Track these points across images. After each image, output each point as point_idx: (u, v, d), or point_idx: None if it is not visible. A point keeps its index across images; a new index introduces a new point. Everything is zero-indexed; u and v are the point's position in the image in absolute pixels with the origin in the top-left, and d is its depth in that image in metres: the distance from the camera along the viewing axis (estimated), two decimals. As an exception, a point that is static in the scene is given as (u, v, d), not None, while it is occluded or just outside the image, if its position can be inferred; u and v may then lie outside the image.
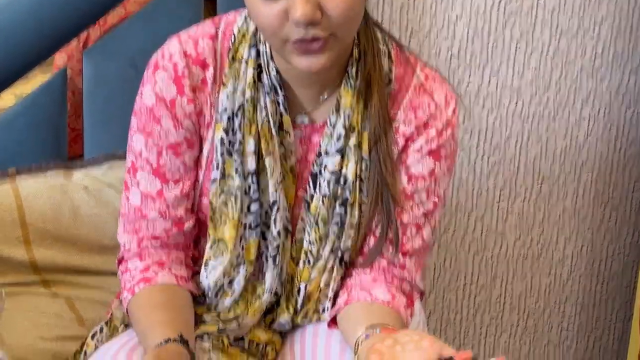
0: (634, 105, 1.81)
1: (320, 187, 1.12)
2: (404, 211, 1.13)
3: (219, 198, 1.11)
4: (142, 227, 1.13)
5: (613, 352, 1.95)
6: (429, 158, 1.13)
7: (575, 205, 1.83)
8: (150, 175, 1.12)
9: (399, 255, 1.14)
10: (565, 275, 1.87)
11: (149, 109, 1.11)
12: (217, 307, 1.14)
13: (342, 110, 1.10)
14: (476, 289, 1.81)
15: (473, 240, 1.79)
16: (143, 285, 1.11)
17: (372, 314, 1.08)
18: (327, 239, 1.13)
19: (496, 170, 1.76)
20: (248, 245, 1.12)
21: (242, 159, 1.10)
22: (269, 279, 1.13)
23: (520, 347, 1.88)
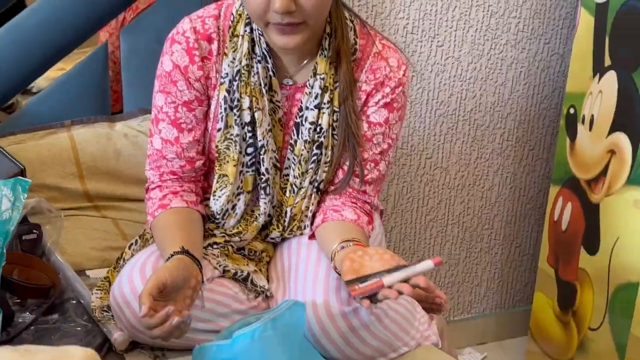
0: (547, 69, 1.80)
1: (302, 134, 1.12)
2: (365, 150, 1.14)
3: (223, 143, 1.12)
4: (163, 165, 1.14)
5: (529, 255, 1.96)
6: (384, 109, 1.13)
7: (501, 146, 1.83)
8: (169, 125, 1.12)
9: (362, 185, 1.15)
10: (494, 199, 1.87)
11: (168, 73, 1.10)
12: (224, 225, 1.15)
13: (318, 74, 1.10)
14: (426, 210, 1.81)
15: (424, 174, 1.78)
16: (161, 210, 1.11)
17: (344, 230, 1.09)
18: (307, 173, 1.13)
19: (441, 120, 1.74)
20: (246, 179, 1.13)
21: (240, 113, 1.10)
22: (262, 204, 1.14)
23: (459, 253, 1.88)
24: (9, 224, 1.01)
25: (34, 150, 1.38)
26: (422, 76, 1.69)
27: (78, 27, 1.41)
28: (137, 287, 1.04)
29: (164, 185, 1.14)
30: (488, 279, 1.93)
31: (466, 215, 1.85)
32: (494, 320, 1.96)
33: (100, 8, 1.42)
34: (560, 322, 1.71)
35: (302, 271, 1.10)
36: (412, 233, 1.82)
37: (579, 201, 1.63)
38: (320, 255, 1.10)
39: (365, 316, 1.04)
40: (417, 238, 1.83)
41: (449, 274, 1.89)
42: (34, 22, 1.38)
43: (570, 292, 1.68)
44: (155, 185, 1.15)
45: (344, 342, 1.05)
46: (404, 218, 1.79)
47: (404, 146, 1.73)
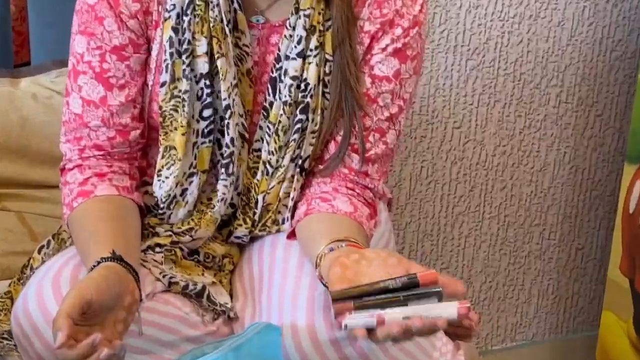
0: (621, 3, 1.79)
1: (280, 94, 1.12)
2: (367, 116, 1.14)
3: (168, 103, 1.11)
4: (84, 135, 1.14)
5: (595, 261, 1.96)
6: (394, 58, 1.13)
7: (557, 111, 1.82)
8: (93, 80, 1.12)
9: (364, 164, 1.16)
10: (547, 183, 1.86)
11: (91, 7, 1.10)
12: (170, 219, 1.15)
13: (302, 10, 1.10)
14: (454, 200, 1.80)
15: (451, 149, 1.77)
16: (82, 199, 1.11)
17: (334, 227, 1.09)
18: (287, 147, 1.13)
19: (474, 75, 1.74)
20: (200, 153, 1.12)
21: (193, 60, 1.10)
22: (222, 189, 1.14)
23: (500, 258, 1.88)
24: None
25: None
26: (448, 13, 1.68)
27: None
28: (49, 307, 1.02)
29: (86, 165, 1.14)
30: (539, 294, 1.92)
31: (509, 206, 1.84)
32: (548, 350, 1.97)
33: None
34: (637, 352, 1.72)
35: (279, 283, 1.10)
36: (434, 231, 1.81)
37: None
38: (303, 260, 1.10)
39: (364, 344, 1.03)
40: (441, 238, 1.83)
41: (485, 287, 1.88)
42: None
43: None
44: (73, 165, 1.14)
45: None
46: (423, 210, 1.79)
47: (422, 111, 1.72)
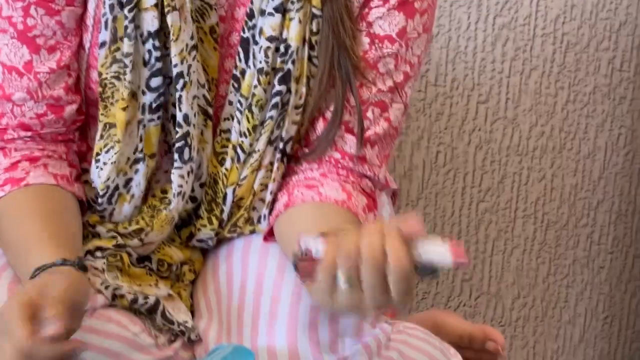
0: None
1: (254, 59, 1.13)
2: (365, 85, 1.16)
3: (109, 68, 1.13)
4: (6, 111, 1.15)
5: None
6: (399, 13, 1.15)
7: (610, 80, 1.86)
8: (15, 40, 1.14)
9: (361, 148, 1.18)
10: (597, 173, 1.90)
11: None
12: (112, 216, 1.17)
13: None
14: (479, 194, 1.85)
15: (474, 130, 1.81)
16: (10, 187, 1.12)
17: (323, 219, 1.10)
18: (264, 127, 1.15)
19: (504, 35, 1.78)
20: (147, 132, 1.14)
21: (138, 14, 1.11)
22: (177, 179, 1.15)
23: (537, 267, 1.91)
24: None
25: None
26: None
27: None
28: None
29: (10, 147, 1.16)
30: (587, 312, 1.95)
31: (549, 201, 1.88)
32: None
33: None
34: None
35: (252, 296, 1.11)
36: (453, 232, 1.86)
37: None
38: (283, 267, 1.11)
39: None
40: (463, 240, 1.85)
41: (519, 304, 1.91)
42: None
43: None
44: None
45: None
46: (439, 206, 1.84)
47: (439, 80, 1.77)
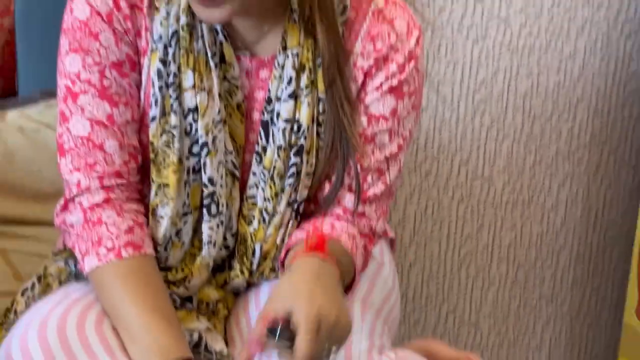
0: (635, 35, 1.78)
1: (274, 138, 1.12)
2: (364, 155, 1.14)
3: (160, 138, 1.10)
4: (99, 160, 1.10)
5: (611, 305, 1.96)
6: (391, 96, 1.13)
7: (569, 146, 1.82)
8: (97, 98, 1.10)
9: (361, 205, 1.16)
10: (559, 223, 1.86)
11: (83, 23, 1.09)
12: (167, 261, 1.14)
13: (289, 49, 1.11)
14: (461, 239, 1.81)
15: (457, 186, 1.78)
16: (132, 251, 1.08)
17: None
18: (284, 193, 1.13)
19: (482, 108, 1.75)
20: (192, 190, 1.12)
21: (180, 94, 1.10)
22: (206, 230, 1.13)
23: (509, 301, 1.88)
24: None
25: None
26: (454, 45, 1.70)
27: None
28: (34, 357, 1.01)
29: (116, 200, 1.11)
30: (551, 340, 1.93)
31: (519, 247, 1.85)
32: None
33: None
34: None
35: None
36: (440, 272, 1.82)
37: None
38: None
39: None
40: (447, 279, 1.83)
41: (495, 333, 1.89)
42: None
43: None
44: (102, 199, 1.10)
45: None
46: (428, 251, 1.80)
47: (427, 146, 1.73)
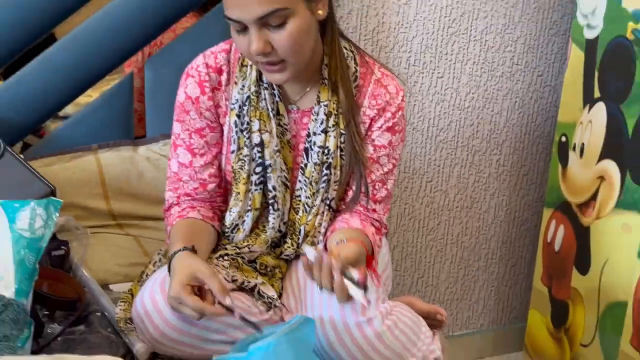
0: (540, 99, 1.80)
1: (311, 158, 1.13)
2: (372, 172, 1.14)
3: (237, 163, 1.13)
4: (180, 186, 1.16)
5: (524, 274, 1.94)
6: (388, 132, 1.14)
7: (497, 171, 1.82)
8: (185, 150, 1.14)
9: (372, 203, 1.15)
10: (490, 220, 1.85)
11: (181, 104, 1.13)
12: (233, 239, 1.16)
13: (322, 102, 1.11)
14: (427, 231, 1.80)
15: (425, 196, 1.77)
16: (178, 219, 1.13)
17: (347, 232, 1.10)
18: (318, 193, 1.13)
19: (441, 146, 1.74)
20: (254, 196, 1.13)
21: (250, 135, 1.11)
22: (271, 220, 1.14)
23: (457, 271, 1.87)
24: (41, 241, 1.04)
25: (63, 172, 1.38)
26: (423, 105, 1.69)
27: (106, 59, 1.40)
28: (158, 302, 1.04)
29: (182, 203, 1.15)
30: (485, 297, 1.91)
31: (464, 235, 1.84)
32: (491, 336, 1.94)
33: (127, 43, 1.41)
34: (554, 339, 1.70)
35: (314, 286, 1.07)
36: (413, 252, 1.81)
37: (570, 224, 1.63)
38: None
39: (378, 326, 1.04)
40: (417, 257, 1.82)
41: (448, 292, 1.87)
42: (66, 56, 1.37)
43: (563, 310, 1.66)
44: (174, 204, 1.16)
45: (358, 351, 1.05)
46: (405, 238, 1.78)
47: (406, 170, 1.73)
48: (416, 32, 1.63)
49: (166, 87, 1.43)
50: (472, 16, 1.66)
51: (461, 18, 1.65)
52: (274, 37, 1.00)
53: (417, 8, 1.61)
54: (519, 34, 1.71)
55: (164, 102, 1.44)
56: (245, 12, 0.98)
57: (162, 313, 1.04)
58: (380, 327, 1.04)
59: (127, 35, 1.40)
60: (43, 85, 1.37)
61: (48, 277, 1.15)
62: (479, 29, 1.67)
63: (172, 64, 1.44)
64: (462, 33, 1.67)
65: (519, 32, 1.71)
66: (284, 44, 1.01)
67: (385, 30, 1.61)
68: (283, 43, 1.01)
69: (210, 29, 1.43)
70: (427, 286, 1.85)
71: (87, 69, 1.39)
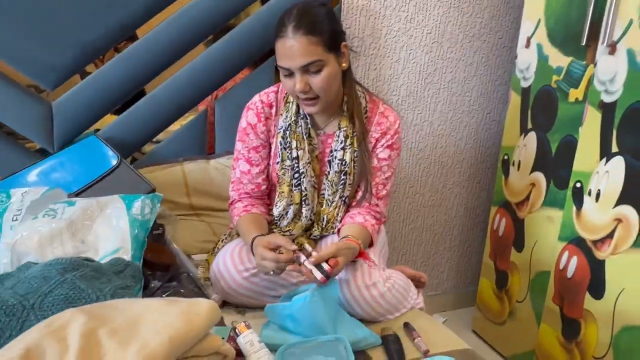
0: (489, 130, 1.75)
1: (333, 167, 1.13)
2: (376, 177, 1.14)
3: (281, 171, 1.13)
4: (241, 187, 1.16)
5: (476, 252, 1.90)
6: (388, 149, 1.14)
7: (459, 179, 1.79)
8: (244, 162, 1.14)
9: (375, 199, 1.15)
10: (453, 214, 1.82)
11: (244, 129, 1.14)
12: (279, 225, 1.15)
13: (342, 128, 1.11)
14: (409, 222, 1.77)
15: (408, 197, 1.75)
16: (245, 213, 1.13)
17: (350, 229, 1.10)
18: (337, 192, 1.13)
19: (420, 162, 1.72)
20: (294, 195, 1.13)
21: (290, 151, 1.11)
22: (304, 212, 1.14)
23: (430, 250, 1.84)
24: (149, 223, 1.06)
25: (160, 177, 1.38)
26: (407, 133, 1.68)
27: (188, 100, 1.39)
28: (228, 265, 1.06)
29: (243, 200, 1.15)
30: (449, 268, 1.89)
31: (435, 225, 1.82)
32: (452, 296, 1.92)
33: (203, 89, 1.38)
34: (496, 297, 1.66)
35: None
36: (399, 236, 1.79)
37: (510, 217, 1.57)
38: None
39: (381, 288, 1.06)
40: (402, 239, 1.80)
41: (424, 265, 1.85)
42: (162, 97, 1.36)
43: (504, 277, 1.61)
44: (237, 200, 1.16)
45: (368, 305, 1.06)
46: (394, 226, 1.77)
47: (395, 178, 1.71)
48: (403, 82, 1.63)
49: (230, 118, 1.43)
50: (442, 71, 1.65)
51: (434, 72, 1.65)
52: (312, 80, 1.02)
53: (404, 65, 1.61)
54: (474, 84, 1.71)
55: (229, 129, 1.44)
56: (293, 62, 1.00)
57: (231, 274, 1.07)
58: (382, 288, 1.06)
59: (204, 83, 1.39)
60: (144, 119, 1.37)
61: (151, 248, 1.14)
62: (447, 79, 1.67)
63: (235, 102, 1.45)
64: (435, 82, 1.66)
65: (475, 82, 1.71)
66: (320, 85, 1.03)
67: (382, 80, 1.61)
68: (319, 84, 1.03)
69: (260, 78, 1.44)
70: (408, 261, 1.84)
71: (176, 106, 1.39)
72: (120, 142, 1.35)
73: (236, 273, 1.06)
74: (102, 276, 0.83)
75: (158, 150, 1.45)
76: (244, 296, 1.07)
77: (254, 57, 1.40)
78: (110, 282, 0.82)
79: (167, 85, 1.38)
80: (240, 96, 1.43)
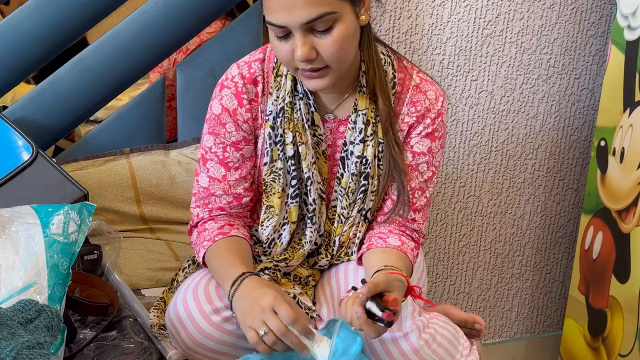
0: (577, 102, 1.77)
1: (348, 167, 1.10)
2: (411, 179, 1.11)
3: (269, 176, 1.10)
4: (211, 201, 1.12)
5: (559, 282, 1.93)
6: (427, 139, 1.11)
7: (532, 176, 1.80)
8: (217, 164, 1.10)
9: (411, 212, 1.12)
10: (525, 226, 1.84)
11: (217, 116, 1.09)
12: (270, 254, 1.13)
13: (359, 110, 1.08)
14: (459, 237, 1.79)
15: (458, 202, 1.76)
16: (221, 237, 1.08)
17: (386, 257, 1.07)
18: (355, 203, 1.11)
19: (475, 151, 1.73)
20: (290, 210, 1.10)
21: (283, 147, 1.08)
22: (308, 234, 1.12)
23: (491, 278, 1.86)
24: (75, 246, 1.03)
25: (95, 176, 1.38)
26: (457, 109, 1.68)
27: (137, 64, 1.39)
28: (191, 309, 1.02)
29: (216, 218, 1.11)
30: (519, 304, 1.90)
31: (498, 242, 1.83)
32: (525, 345, 1.93)
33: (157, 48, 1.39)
34: (591, 348, 1.68)
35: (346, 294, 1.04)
36: (445, 258, 1.80)
37: (610, 231, 1.60)
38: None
39: (415, 341, 1.03)
40: (450, 263, 1.81)
41: (481, 299, 1.86)
42: (97, 59, 1.37)
43: (601, 319, 1.65)
44: (206, 219, 1.12)
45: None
46: (437, 244, 1.77)
47: (438, 174, 1.72)
48: (450, 34, 1.62)
49: (198, 89, 1.45)
50: (508, 17, 1.65)
51: (496, 19, 1.64)
52: (320, 42, 0.97)
53: (452, 9, 1.60)
54: (555, 36, 1.70)
55: (196, 105, 1.44)
56: (291, 17, 0.95)
57: (196, 321, 1.03)
58: (417, 342, 1.02)
59: (158, 40, 1.39)
60: (75, 88, 1.38)
61: (80, 281, 1.15)
62: (515, 30, 1.66)
63: (204, 66, 1.44)
64: (498, 35, 1.65)
65: (556, 34, 1.69)
66: (330, 49, 0.98)
67: (419, 32, 1.60)
68: (329, 48, 0.98)
69: (240, 35, 1.42)
70: (459, 293, 1.85)
71: (118, 73, 1.39)
72: (37, 125, 1.34)
73: (202, 318, 1.02)
74: (2, 329, 0.81)
75: (94, 136, 1.44)
76: (214, 352, 1.04)
77: (231, 2, 1.39)
78: (14, 338, 0.80)
79: (106, 42, 1.37)
80: (214, 57, 1.43)
